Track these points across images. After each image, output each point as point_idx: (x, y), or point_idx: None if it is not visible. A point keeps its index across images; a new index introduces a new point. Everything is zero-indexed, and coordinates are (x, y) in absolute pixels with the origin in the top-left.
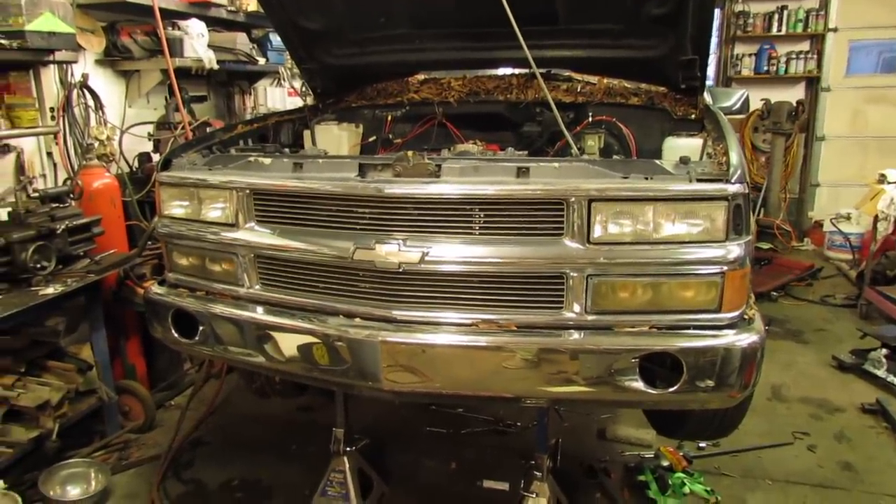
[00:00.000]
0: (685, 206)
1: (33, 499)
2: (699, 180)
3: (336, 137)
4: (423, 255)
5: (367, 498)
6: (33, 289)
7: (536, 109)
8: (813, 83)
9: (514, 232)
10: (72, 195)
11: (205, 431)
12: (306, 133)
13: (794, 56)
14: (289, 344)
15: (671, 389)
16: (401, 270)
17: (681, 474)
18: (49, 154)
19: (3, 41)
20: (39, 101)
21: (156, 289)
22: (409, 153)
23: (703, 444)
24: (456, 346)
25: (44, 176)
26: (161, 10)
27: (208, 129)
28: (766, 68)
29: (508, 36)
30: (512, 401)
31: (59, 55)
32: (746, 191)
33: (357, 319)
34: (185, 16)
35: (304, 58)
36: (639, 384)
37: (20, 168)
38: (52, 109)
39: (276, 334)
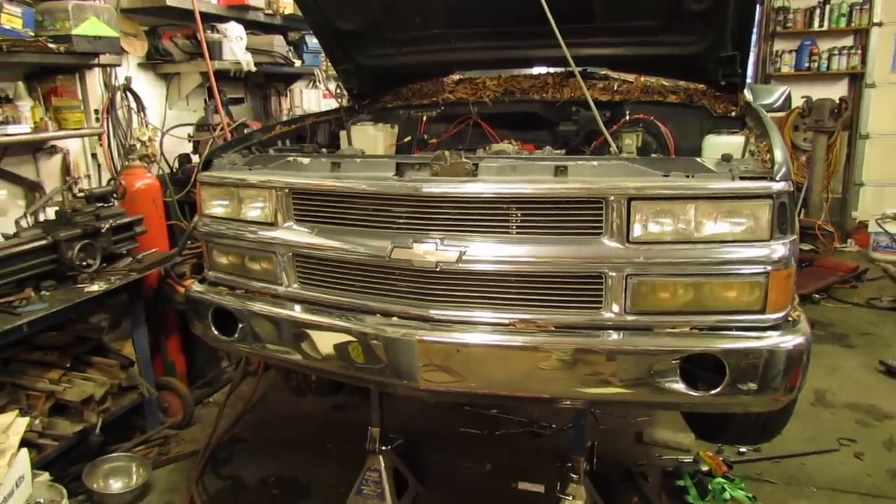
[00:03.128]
0: (728, 205)
1: (77, 491)
2: (742, 178)
3: (372, 137)
4: (461, 254)
5: (401, 497)
6: (79, 286)
7: (572, 108)
8: (856, 80)
9: (551, 231)
10: (115, 195)
11: (242, 428)
12: (342, 133)
13: (836, 52)
14: (326, 342)
15: (713, 392)
16: (438, 269)
17: (721, 479)
18: (93, 155)
19: (51, 45)
20: (85, 103)
21: (196, 287)
22: (447, 152)
23: (743, 449)
24: (493, 345)
25: (88, 176)
26: (201, 13)
27: (246, 131)
28: (806, 65)
29: (544, 34)
30: (550, 402)
31: (104, 58)
32: (791, 189)
33: (394, 318)
34: (224, 19)
35: (341, 59)
36: (680, 386)
37: (66, 168)
38: (96, 111)
39: (313, 332)
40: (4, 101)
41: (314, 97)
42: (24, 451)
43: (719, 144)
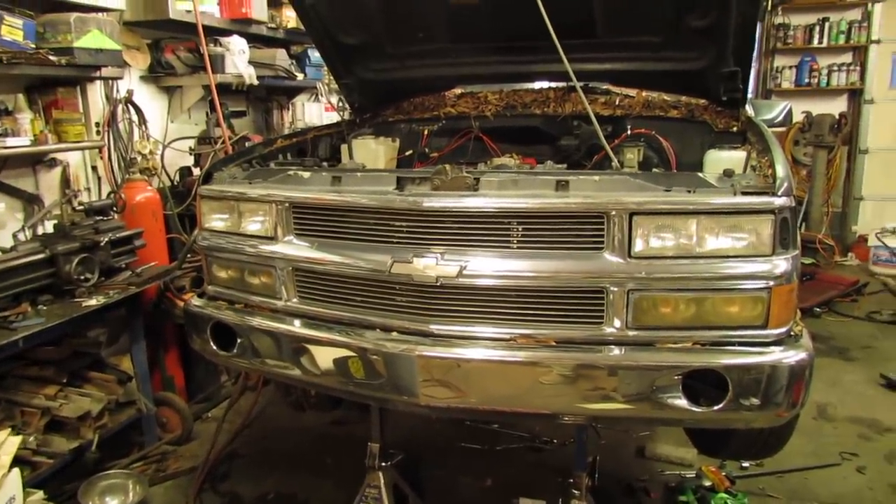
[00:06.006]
0: (730, 220)
1: None
2: (744, 193)
3: (373, 151)
4: (461, 268)
5: None
6: (77, 300)
7: (574, 123)
8: (856, 95)
9: (553, 246)
10: (115, 208)
11: (241, 444)
12: (344, 147)
13: (836, 68)
14: (325, 357)
15: (716, 408)
16: (438, 284)
17: (723, 495)
18: (94, 168)
19: (52, 57)
20: (86, 116)
21: (195, 301)
22: (448, 166)
23: (746, 464)
24: (494, 361)
25: (88, 189)
26: (204, 27)
27: (247, 144)
28: (807, 80)
29: (546, 49)
30: (551, 417)
31: (106, 71)
32: (793, 204)
33: (394, 333)
34: (226, 32)
35: (343, 73)
36: (682, 402)
37: (65, 181)
38: (97, 124)
39: (312, 347)
40: (4, 113)
41: (316, 110)
42: (16, 470)
43: (721, 159)
